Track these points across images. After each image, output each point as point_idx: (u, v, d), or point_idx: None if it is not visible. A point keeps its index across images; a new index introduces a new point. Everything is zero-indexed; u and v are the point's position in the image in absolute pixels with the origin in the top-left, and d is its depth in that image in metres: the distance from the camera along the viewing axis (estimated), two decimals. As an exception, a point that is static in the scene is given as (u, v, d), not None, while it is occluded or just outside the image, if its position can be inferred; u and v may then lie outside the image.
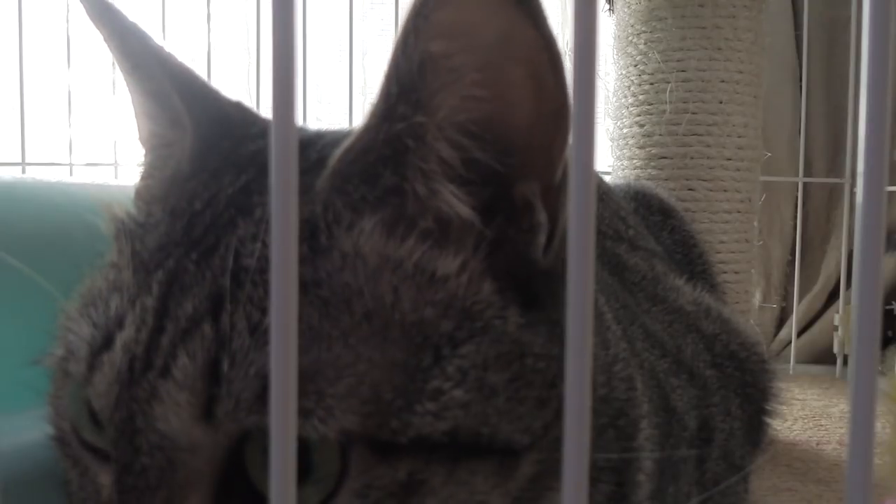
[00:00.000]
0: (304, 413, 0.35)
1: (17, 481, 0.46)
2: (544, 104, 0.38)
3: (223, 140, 0.46)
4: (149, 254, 0.41)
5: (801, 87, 2.00)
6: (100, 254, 0.48)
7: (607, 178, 1.66)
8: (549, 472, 0.41)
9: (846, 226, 1.95)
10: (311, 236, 0.39)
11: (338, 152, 0.40)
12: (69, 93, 1.72)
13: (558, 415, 0.40)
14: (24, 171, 1.67)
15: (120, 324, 0.39)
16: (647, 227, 1.13)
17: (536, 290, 0.42)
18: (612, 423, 0.54)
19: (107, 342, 0.39)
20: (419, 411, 0.37)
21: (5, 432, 0.47)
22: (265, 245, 0.38)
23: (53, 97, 1.72)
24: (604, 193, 1.08)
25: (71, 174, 1.75)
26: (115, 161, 1.76)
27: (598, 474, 0.52)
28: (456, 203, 0.41)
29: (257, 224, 0.40)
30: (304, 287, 0.37)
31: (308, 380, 0.36)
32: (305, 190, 0.38)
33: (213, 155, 0.45)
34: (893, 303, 1.74)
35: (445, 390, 0.38)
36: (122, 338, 0.38)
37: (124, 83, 0.50)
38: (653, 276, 0.94)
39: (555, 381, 0.41)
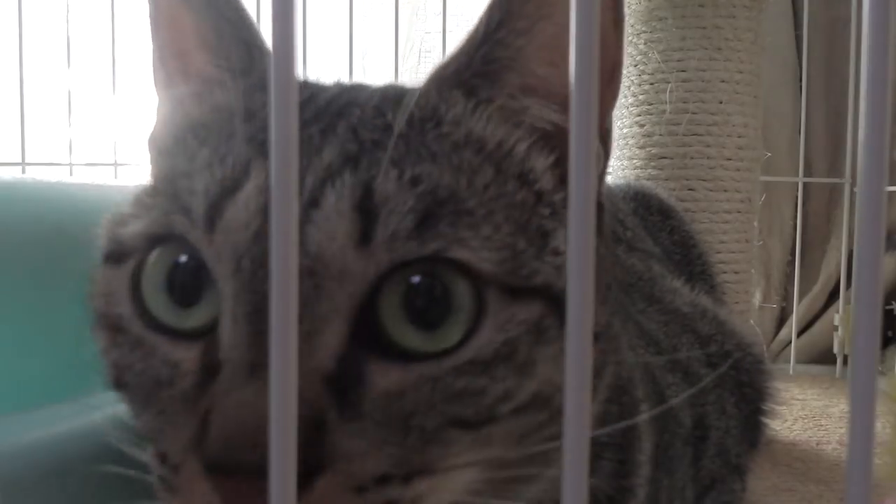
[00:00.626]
0: (458, 242, 0.39)
1: (17, 481, 0.46)
2: (605, 58, 0.43)
3: None
4: (255, 133, 0.43)
5: (801, 87, 2.00)
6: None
7: (607, 178, 1.66)
8: (606, 360, 0.48)
9: (846, 226, 1.95)
10: (433, 117, 0.44)
11: (435, 69, 0.46)
12: (69, 93, 1.72)
13: (611, 315, 0.49)
14: (24, 171, 1.67)
15: (245, 174, 0.41)
16: (646, 228, 1.13)
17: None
18: (615, 399, 0.57)
19: (233, 189, 0.40)
20: (545, 262, 0.42)
21: (5, 432, 0.47)
22: (381, 114, 0.44)
23: (53, 97, 1.72)
24: (602, 194, 1.07)
25: (71, 174, 1.75)
26: (115, 161, 1.76)
27: (602, 450, 0.55)
28: (548, 114, 0.46)
29: (365, 110, 0.44)
30: (434, 156, 0.42)
31: (454, 221, 0.40)
32: (423, 94, 0.45)
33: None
34: (893, 303, 1.74)
35: (561, 252, 0.43)
36: (254, 182, 0.40)
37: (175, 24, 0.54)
38: (649, 277, 0.95)
39: (609, 285, 0.50)
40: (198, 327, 0.41)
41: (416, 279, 0.39)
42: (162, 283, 0.42)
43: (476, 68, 0.45)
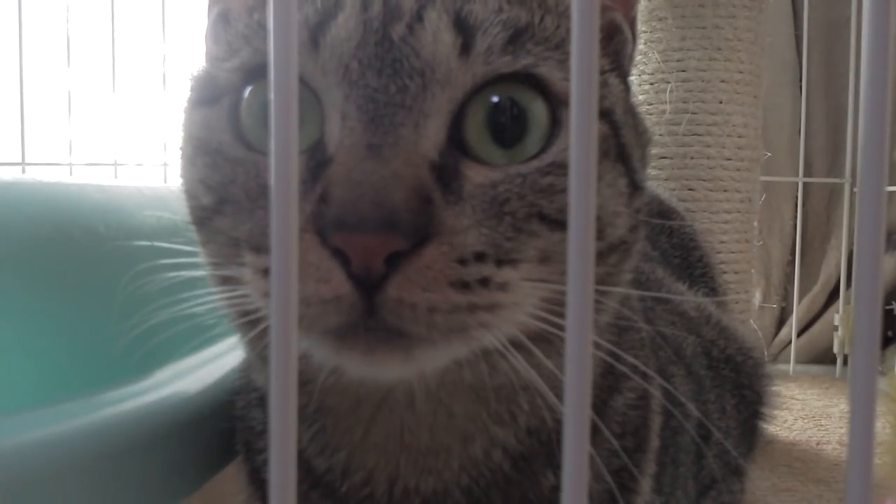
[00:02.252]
0: (545, 60, 0.45)
1: (18, 481, 0.46)
2: None
3: None
4: None
5: (801, 87, 2.00)
6: (100, 254, 0.48)
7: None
8: (636, 233, 0.51)
9: (846, 226, 1.95)
10: None
11: None
12: (69, 93, 1.72)
13: (642, 187, 0.52)
14: (24, 171, 1.67)
15: (339, 5, 0.45)
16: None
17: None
18: (637, 329, 0.62)
19: (333, 13, 0.45)
20: (608, 91, 0.48)
21: (5, 432, 0.47)
22: None
23: (53, 97, 1.72)
24: None
25: (71, 174, 1.75)
26: (115, 161, 1.76)
27: (629, 375, 0.59)
28: None
29: None
30: (521, 3, 0.47)
31: (539, 43, 0.45)
32: None
33: None
34: (893, 303, 1.74)
35: (613, 89, 0.50)
36: (350, 7, 0.45)
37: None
38: (655, 280, 0.95)
39: (645, 154, 0.54)
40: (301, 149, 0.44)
41: (496, 99, 0.44)
42: (259, 112, 0.46)
43: None
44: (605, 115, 0.47)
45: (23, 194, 0.74)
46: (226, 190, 0.47)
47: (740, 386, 0.90)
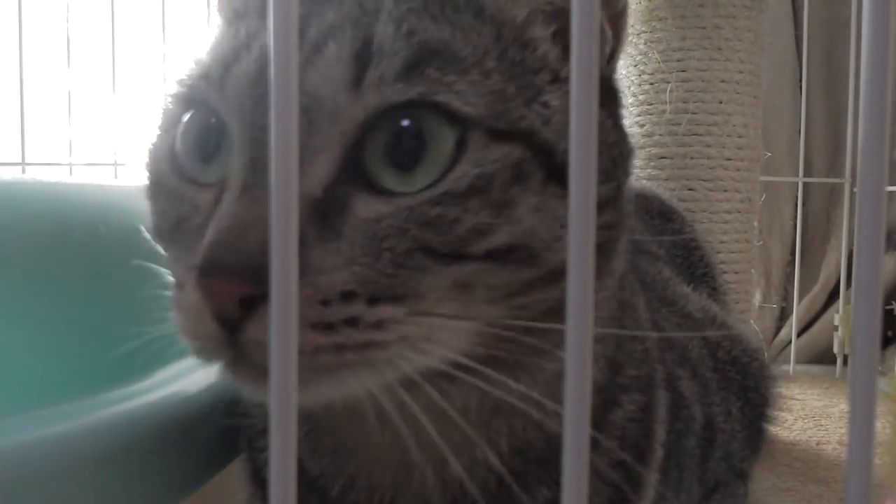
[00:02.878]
0: (444, 86, 0.42)
1: (18, 481, 0.46)
2: None
3: None
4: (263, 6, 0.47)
5: (801, 87, 2.00)
6: (99, 254, 0.48)
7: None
8: (607, 251, 0.49)
9: (846, 226, 1.95)
10: None
11: None
12: (69, 93, 1.72)
13: (617, 195, 0.49)
14: (24, 171, 1.67)
15: (253, 38, 0.46)
16: (648, 231, 1.14)
17: (602, 94, 0.49)
18: (641, 339, 0.61)
19: (243, 48, 0.45)
20: (533, 110, 0.44)
21: (5, 432, 0.47)
22: None
23: (53, 97, 1.72)
24: None
25: (71, 174, 1.74)
26: (115, 161, 1.76)
27: (630, 383, 0.58)
28: None
29: None
30: (434, 17, 0.45)
31: (444, 66, 0.43)
32: None
33: None
34: (893, 303, 1.74)
35: (552, 107, 0.45)
36: (259, 42, 0.45)
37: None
38: (661, 280, 0.95)
39: (616, 163, 0.49)
40: (215, 181, 0.46)
41: (403, 123, 0.42)
42: (190, 141, 0.48)
43: None
44: (524, 136, 0.44)
45: (23, 194, 0.74)
46: (162, 218, 0.49)
47: (746, 388, 0.89)
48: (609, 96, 0.52)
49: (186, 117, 0.48)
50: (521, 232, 0.43)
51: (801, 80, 2.00)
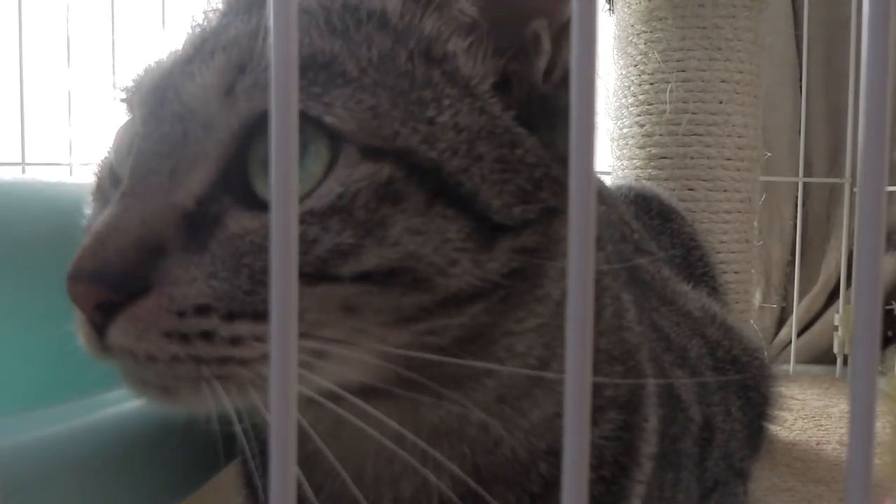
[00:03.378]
0: (312, 98, 0.41)
1: (17, 481, 0.46)
2: None
3: None
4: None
5: (801, 87, 2.00)
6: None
7: (607, 179, 1.66)
8: (531, 276, 0.46)
9: (846, 226, 1.95)
10: (346, 2, 0.46)
11: None
12: (69, 93, 1.72)
13: (539, 221, 0.46)
14: (24, 171, 1.66)
15: (171, 54, 0.47)
16: (647, 231, 1.14)
17: (533, 112, 0.48)
18: (621, 360, 0.59)
19: (157, 63, 0.47)
20: (410, 127, 0.43)
21: (5, 432, 0.47)
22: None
23: (53, 97, 1.72)
24: (607, 198, 1.08)
25: (71, 174, 1.74)
26: (115, 161, 1.75)
27: (607, 403, 0.57)
28: (468, 7, 0.47)
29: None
30: (334, 30, 0.45)
31: (320, 77, 0.42)
32: None
33: None
34: (893, 303, 1.74)
35: (437, 122, 0.43)
36: (173, 54, 0.47)
37: None
38: (661, 279, 0.95)
39: (541, 185, 0.46)
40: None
41: None
42: (121, 146, 0.51)
43: None
44: (398, 155, 0.42)
45: (23, 194, 0.74)
46: (89, 220, 0.51)
47: (746, 388, 0.89)
48: (544, 117, 0.48)
49: (124, 122, 0.50)
50: (400, 255, 0.41)
51: (801, 80, 2.00)
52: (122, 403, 0.55)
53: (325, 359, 0.42)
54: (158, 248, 0.41)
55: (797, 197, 2.05)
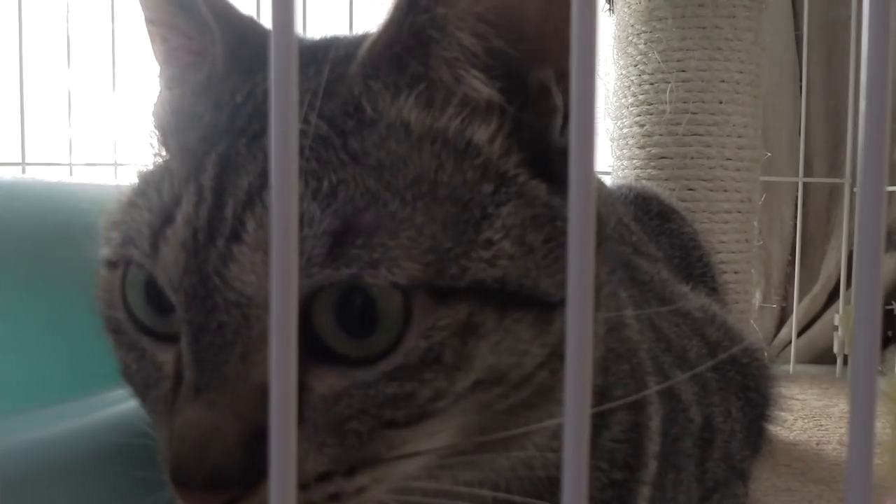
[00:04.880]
0: (372, 264, 0.39)
1: (17, 481, 0.46)
2: None
3: (248, 43, 0.49)
4: (196, 143, 0.44)
5: (801, 87, 2.00)
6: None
7: (607, 179, 1.66)
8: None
9: (846, 226, 1.95)
10: (356, 111, 0.43)
11: (366, 44, 0.45)
12: (69, 93, 1.72)
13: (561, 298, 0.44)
14: (24, 171, 1.67)
15: (177, 202, 0.42)
16: (646, 233, 1.14)
17: (554, 168, 0.46)
18: (626, 357, 0.59)
19: (168, 219, 0.42)
20: (474, 258, 0.41)
21: (5, 432, 0.47)
22: (309, 123, 0.42)
23: (53, 97, 1.72)
24: (606, 198, 1.08)
25: (71, 174, 1.74)
26: (115, 161, 1.76)
27: (616, 409, 0.57)
28: (480, 86, 0.45)
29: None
30: (356, 156, 0.41)
31: (372, 234, 0.39)
32: (339, 78, 0.44)
33: (244, 55, 0.48)
34: (893, 303, 1.74)
35: (495, 241, 0.42)
36: (183, 213, 0.41)
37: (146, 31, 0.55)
38: (660, 280, 0.95)
39: (601, 241, 0.46)
40: (175, 332, 0.43)
41: (340, 294, 0.40)
42: (140, 293, 0.44)
43: (404, 41, 0.44)
44: (470, 289, 0.41)
45: (23, 194, 0.74)
46: (127, 368, 0.46)
47: (746, 388, 0.89)
48: (565, 168, 0.47)
49: (129, 274, 0.45)
50: (483, 371, 0.42)
51: (801, 80, 2.00)
52: (122, 403, 0.55)
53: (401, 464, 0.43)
54: (260, 433, 0.38)
55: (797, 197, 2.05)
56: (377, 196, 0.40)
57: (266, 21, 0.50)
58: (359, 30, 0.54)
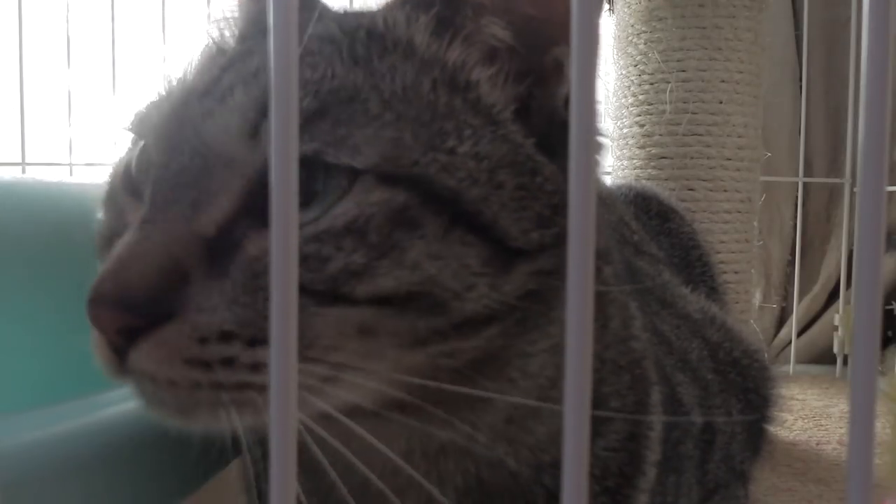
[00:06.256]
0: (334, 145, 0.42)
1: (18, 481, 0.46)
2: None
3: None
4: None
5: (801, 87, 2.00)
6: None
7: (607, 179, 1.66)
8: (546, 299, 0.46)
9: (846, 226, 1.95)
10: (371, 25, 0.47)
11: None
12: (69, 93, 1.72)
13: (555, 245, 0.46)
14: (24, 171, 1.66)
15: (181, 81, 0.48)
16: (647, 233, 1.14)
17: (553, 138, 0.48)
18: (629, 368, 0.59)
19: (167, 92, 0.48)
20: (430, 157, 0.43)
21: (5, 432, 0.47)
22: (323, 23, 0.47)
23: (53, 97, 1.72)
24: (607, 198, 1.08)
25: (71, 174, 1.74)
26: (115, 161, 1.75)
27: (611, 418, 0.57)
28: (499, 31, 0.48)
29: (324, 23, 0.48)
30: (357, 60, 0.45)
31: (343, 123, 0.43)
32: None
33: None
34: (893, 303, 1.74)
35: (458, 153, 0.44)
36: (188, 79, 0.47)
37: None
38: (661, 282, 0.95)
39: (558, 211, 0.47)
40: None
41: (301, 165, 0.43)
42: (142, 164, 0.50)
43: None
44: (413, 182, 0.43)
45: (23, 194, 0.74)
46: (103, 230, 0.51)
47: (746, 390, 0.89)
48: (564, 144, 0.48)
49: (141, 143, 0.50)
50: (419, 279, 0.42)
51: (801, 80, 2.00)
52: (122, 403, 0.55)
53: (336, 384, 0.42)
54: (181, 274, 0.41)
55: (797, 197, 2.05)
56: (360, 93, 0.44)
57: None
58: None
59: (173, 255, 0.41)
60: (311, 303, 0.41)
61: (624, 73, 1.59)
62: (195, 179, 0.43)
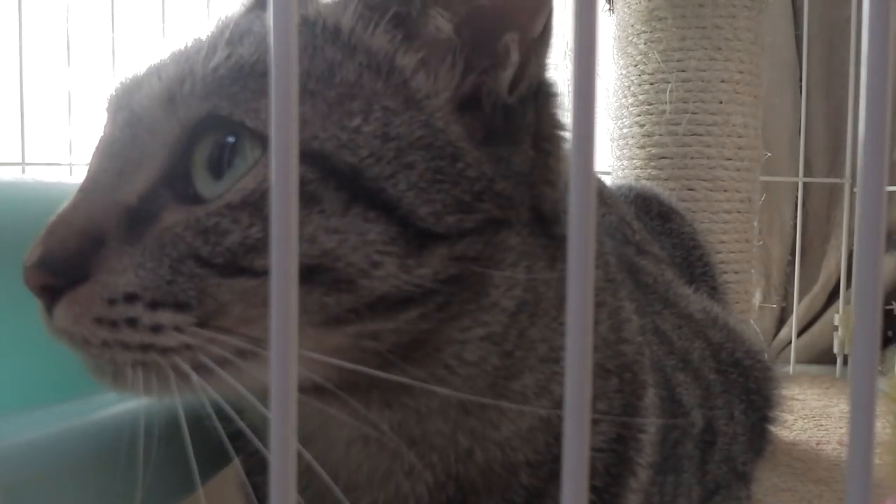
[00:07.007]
0: (241, 103, 0.44)
1: (18, 481, 0.46)
2: None
3: None
4: None
5: (801, 87, 2.00)
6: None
7: (607, 179, 1.66)
8: (473, 285, 0.46)
9: (846, 226, 1.95)
10: (304, 17, 0.48)
11: None
12: (69, 93, 1.72)
13: (481, 231, 0.46)
14: (24, 171, 1.66)
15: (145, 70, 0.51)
16: (648, 233, 1.14)
17: (496, 124, 0.49)
18: (617, 372, 0.59)
19: (133, 74, 0.51)
20: (330, 133, 0.44)
21: (5, 432, 0.47)
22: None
23: (53, 97, 1.72)
24: (608, 198, 1.08)
25: (71, 174, 1.74)
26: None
27: (597, 420, 0.57)
28: (441, 21, 0.48)
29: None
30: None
31: (260, 91, 0.44)
32: None
33: None
34: (893, 303, 1.74)
35: (362, 132, 0.45)
36: (145, 70, 0.50)
37: None
38: (663, 281, 0.95)
39: (481, 197, 0.47)
40: None
41: (227, 139, 0.45)
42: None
43: None
44: (313, 157, 0.44)
45: (23, 194, 0.74)
46: None
47: (748, 391, 0.89)
48: (507, 132, 0.49)
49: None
50: (317, 252, 0.43)
51: (801, 80, 2.00)
52: (122, 403, 0.55)
53: (258, 360, 0.44)
54: (100, 240, 0.44)
55: (797, 197, 2.05)
56: (243, 60, 0.46)
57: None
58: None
59: (94, 221, 0.45)
60: (212, 273, 0.43)
61: (624, 73, 1.59)
62: (123, 149, 0.46)
